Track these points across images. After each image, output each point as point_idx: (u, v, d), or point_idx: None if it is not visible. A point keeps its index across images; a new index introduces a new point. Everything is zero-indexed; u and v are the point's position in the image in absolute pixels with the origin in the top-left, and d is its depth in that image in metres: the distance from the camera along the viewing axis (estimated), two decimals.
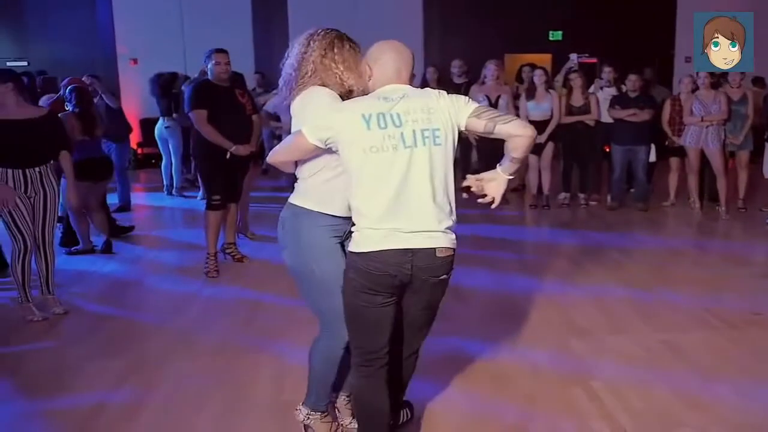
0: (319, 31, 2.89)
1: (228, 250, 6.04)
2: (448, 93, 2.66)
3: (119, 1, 12.44)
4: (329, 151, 2.63)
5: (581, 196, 8.37)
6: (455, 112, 2.61)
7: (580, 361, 3.92)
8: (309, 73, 2.81)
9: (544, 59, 11.66)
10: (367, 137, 2.52)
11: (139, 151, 11.99)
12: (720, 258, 6.12)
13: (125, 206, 8.19)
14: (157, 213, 8.62)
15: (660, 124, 7.95)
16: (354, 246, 2.61)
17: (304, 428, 3.11)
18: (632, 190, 8.58)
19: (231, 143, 5.46)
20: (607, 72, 8.55)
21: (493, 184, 2.73)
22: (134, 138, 10.57)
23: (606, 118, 8.03)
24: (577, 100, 8.00)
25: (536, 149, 7.82)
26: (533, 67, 8.42)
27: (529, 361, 3.92)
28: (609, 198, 8.36)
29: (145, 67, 11.88)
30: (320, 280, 2.81)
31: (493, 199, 2.74)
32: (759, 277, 5.54)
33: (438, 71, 8.70)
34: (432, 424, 3.26)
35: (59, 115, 5.88)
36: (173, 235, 7.11)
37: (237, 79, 6.23)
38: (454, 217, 2.65)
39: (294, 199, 2.86)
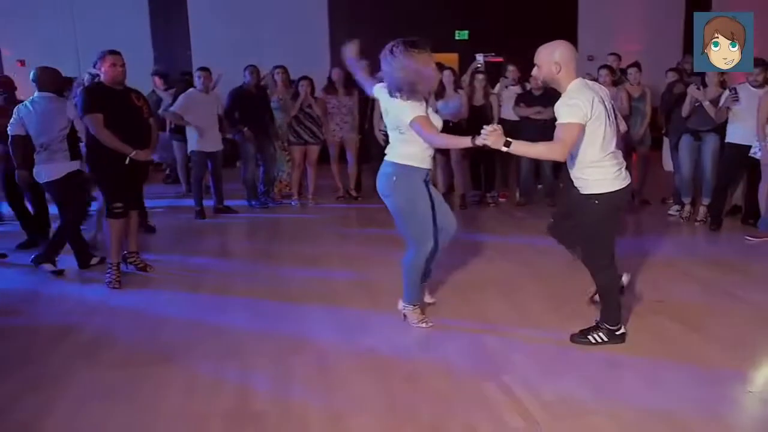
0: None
1: (131, 260, 5.80)
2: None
3: None
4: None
5: (488, 195, 8.48)
6: None
7: (491, 356, 3.93)
8: None
9: (451, 59, 11.81)
10: None
11: None
12: (625, 249, 6.27)
13: None
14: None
15: None
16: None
17: (403, 316, 4.38)
18: (540, 186, 8.76)
19: (131, 148, 5.26)
20: (512, 71, 8.70)
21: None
22: None
23: (512, 116, 8.16)
24: (478, 100, 8.12)
25: (443, 149, 7.88)
26: (440, 66, 8.45)
27: (441, 358, 3.91)
28: (517, 194, 8.52)
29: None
30: (419, 215, 4.09)
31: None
32: (662, 266, 5.72)
33: (344, 72, 8.62)
34: (346, 426, 3.19)
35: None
36: None
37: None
38: None
39: (396, 158, 4.08)
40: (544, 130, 7.97)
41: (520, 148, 3.70)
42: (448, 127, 7.64)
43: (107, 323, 4.67)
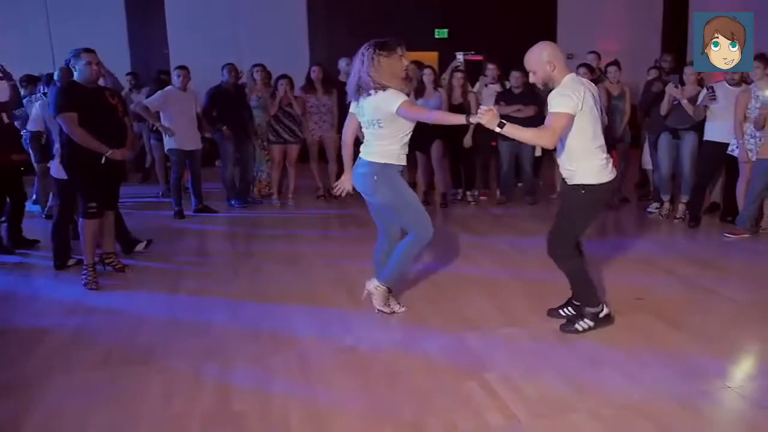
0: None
1: (108, 261, 5.72)
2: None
3: None
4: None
5: (469, 193, 8.48)
6: None
7: (473, 353, 3.92)
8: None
9: (431, 57, 11.79)
10: None
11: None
12: (606, 246, 6.30)
13: None
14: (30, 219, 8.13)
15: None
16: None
17: (368, 294, 4.45)
18: (520, 184, 8.79)
19: (106, 147, 5.19)
20: (491, 69, 8.71)
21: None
22: None
23: None
24: (456, 98, 8.13)
25: (424, 147, 7.88)
26: (420, 65, 8.44)
27: (423, 355, 3.90)
28: (498, 192, 8.54)
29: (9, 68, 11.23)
30: (410, 203, 4.19)
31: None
32: (642, 263, 5.75)
33: (323, 70, 8.59)
34: (327, 424, 3.16)
35: None
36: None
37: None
38: None
39: (373, 157, 4.14)
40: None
41: (513, 130, 3.78)
42: (428, 127, 7.64)
43: (85, 324, 4.60)
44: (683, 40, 13.91)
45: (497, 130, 3.76)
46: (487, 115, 3.73)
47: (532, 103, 7.95)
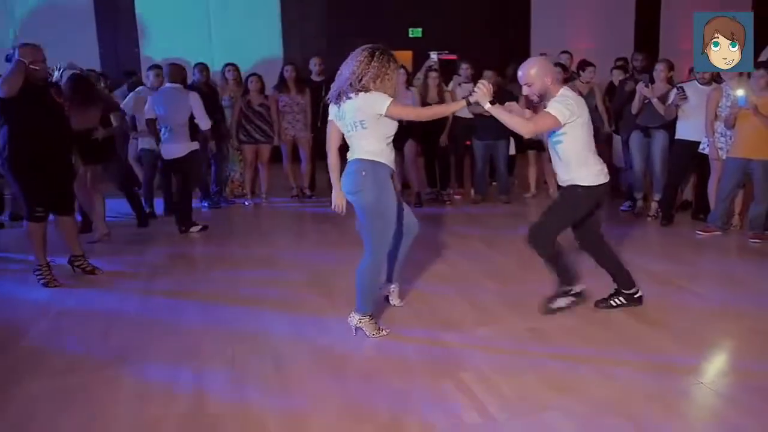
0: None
1: (77, 263, 5.63)
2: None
3: None
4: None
5: (443, 192, 8.50)
6: None
7: (449, 354, 3.92)
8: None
9: (405, 56, 11.80)
10: None
11: None
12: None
13: None
14: None
15: None
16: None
17: (355, 330, 4.15)
18: (495, 183, 8.83)
19: (26, 67, 4.90)
20: (465, 68, 8.72)
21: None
22: None
23: (466, 114, 8.18)
24: (432, 98, 8.12)
25: (398, 146, 7.85)
26: None
27: (399, 356, 3.89)
28: (472, 191, 8.56)
29: None
30: (385, 217, 3.96)
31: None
32: None
33: (296, 69, 8.55)
34: (303, 425, 3.14)
35: None
36: (16, 244, 6.58)
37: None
38: None
39: (362, 155, 3.92)
40: (498, 128, 8.02)
41: (499, 112, 3.96)
42: (402, 126, 7.63)
43: (56, 326, 4.55)
44: (656, 39, 14.08)
45: (486, 107, 3.87)
46: (481, 91, 3.88)
47: (506, 102, 7.95)
